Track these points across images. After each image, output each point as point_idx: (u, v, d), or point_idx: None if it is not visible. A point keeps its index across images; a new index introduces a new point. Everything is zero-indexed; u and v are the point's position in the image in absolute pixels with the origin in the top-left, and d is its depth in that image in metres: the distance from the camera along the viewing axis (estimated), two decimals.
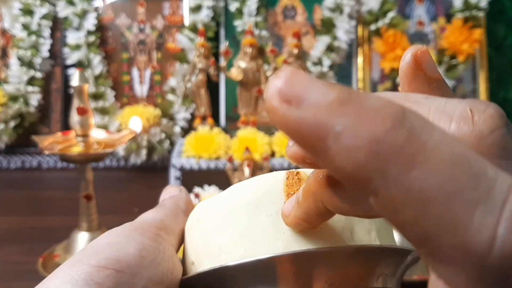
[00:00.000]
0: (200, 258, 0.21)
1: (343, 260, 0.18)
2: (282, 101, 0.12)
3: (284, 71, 0.12)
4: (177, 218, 0.24)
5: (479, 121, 0.14)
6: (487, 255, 0.10)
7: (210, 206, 0.22)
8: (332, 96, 0.11)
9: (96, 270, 0.17)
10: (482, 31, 1.11)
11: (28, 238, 0.72)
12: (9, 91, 1.03)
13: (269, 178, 0.21)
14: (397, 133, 0.11)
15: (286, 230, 0.19)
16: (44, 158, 1.08)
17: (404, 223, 0.11)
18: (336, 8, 1.09)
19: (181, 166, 0.75)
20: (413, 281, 0.61)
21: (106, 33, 1.12)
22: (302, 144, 0.12)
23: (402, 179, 0.11)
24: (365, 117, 0.11)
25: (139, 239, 0.20)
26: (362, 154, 0.11)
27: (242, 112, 0.83)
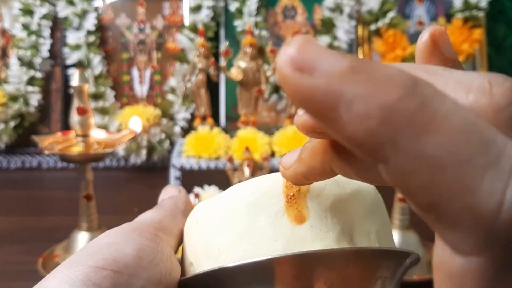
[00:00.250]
0: (199, 259, 0.21)
1: (342, 262, 0.18)
2: (294, 69, 0.12)
3: (296, 39, 0.12)
4: (175, 218, 0.24)
5: (497, 94, 0.14)
6: (495, 219, 0.11)
7: (209, 207, 0.22)
8: (344, 64, 0.11)
9: (94, 271, 0.17)
10: (482, 31, 1.11)
11: (28, 238, 0.72)
12: (9, 91, 1.03)
13: (269, 179, 0.20)
14: (409, 101, 0.11)
15: (285, 231, 0.19)
16: (44, 158, 1.08)
17: (414, 189, 0.11)
18: (336, 8, 1.09)
19: (181, 166, 0.75)
20: (413, 281, 0.61)
21: (106, 33, 1.12)
22: (314, 112, 0.12)
23: (414, 146, 0.11)
24: (376, 85, 0.11)
25: (137, 239, 0.20)
26: (373, 121, 0.11)
27: (242, 112, 0.83)
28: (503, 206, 0.11)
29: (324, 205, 0.20)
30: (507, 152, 0.11)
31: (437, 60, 0.17)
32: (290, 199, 0.20)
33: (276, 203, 0.20)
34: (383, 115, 0.11)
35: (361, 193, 0.21)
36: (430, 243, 0.67)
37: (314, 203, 0.20)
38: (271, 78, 0.98)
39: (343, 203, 0.20)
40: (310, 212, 0.20)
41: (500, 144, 0.11)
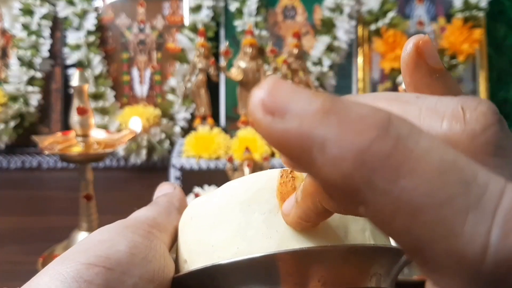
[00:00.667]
0: (193, 256, 0.21)
1: (336, 259, 0.18)
2: (265, 112, 0.11)
3: (267, 82, 0.12)
4: (170, 215, 0.24)
5: (471, 119, 0.14)
6: (481, 263, 0.10)
7: (204, 204, 0.22)
8: (316, 106, 0.11)
9: (86, 268, 0.17)
10: (482, 31, 1.11)
11: (28, 238, 0.72)
12: (9, 91, 1.03)
13: (263, 176, 0.20)
14: (383, 142, 0.11)
15: (279, 228, 0.19)
16: (44, 158, 1.08)
17: (396, 232, 0.11)
18: (336, 8, 1.09)
19: (181, 166, 0.75)
20: (412, 281, 0.61)
21: (106, 33, 1.12)
22: (288, 156, 0.12)
23: (390, 189, 0.11)
24: (349, 127, 0.11)
25: (130, 236, 0.20)
26: (348, 165, 0.11)
27: (242, 112, 0.83)
28: (488, 250, 0.10)
29: None
30: (490, 191, 0.11)
31: (423, 71, 0.17)
32: (284, 196, 0.20)
33: (270, 200, 0.20)
34: (357, 158, 0.11)
35: None
36: None
37: None
38: None
39: None
40: None
41: (482, 183, 0.11)
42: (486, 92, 1.14)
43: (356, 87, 1.14)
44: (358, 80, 1.13)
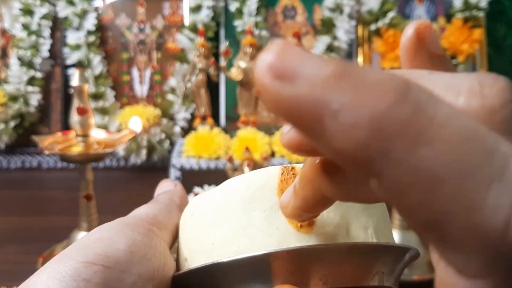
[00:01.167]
0: (193, 254, 0.21)
1: (337, 258, 0.18)
2: (273, 77, 0.11)
3: (275, 45, 0.11)
4: (170, 213, 0.23)
5: (489, 95, 0.13)
6: (502, 239, 0.10)
7: (204, 202, 0.21)
8: (329, 70, 0.10)
9: (84, 266, 0.17)
10: (482, 31, 1.11)
11: (28, 238, 0.72)
12: (9, 91, 1.03)
13: (264, 173, 0.20)
14: (402, 108, 0.10)
15: (280, 226, 0.19)
16: (44, 158, 1.08)
17: (411, 206, 0.10)
18: (336, 8, 1.09)
19: (181, 166, 0.75)
20: (412, 281, 0.61)
21: (106, 33, 1.12)
22: (297, 125, 0.11)
23: (409, 158, 0.10)
24: (365, 92, 0.10)
25: (130, 234, 0.20)
26: (363, 132, 0.10)
27: (242, 112, 0.83)
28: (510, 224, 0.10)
29: None
30: None
31: (423, 57, 0.16)
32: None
33: (271, 198, 0.19)
34: (373, 124, 0.10)
35: None
36: None
37: None
38: None
39: None
40: None
41: (505, 153, 0.10)
42: None
43: None
44: None
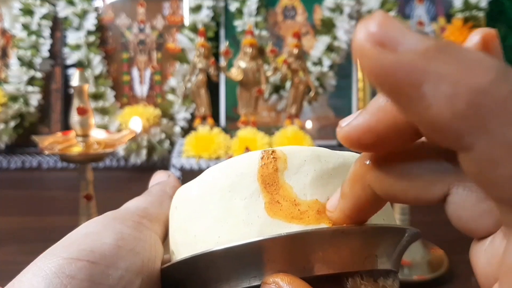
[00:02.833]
0: (178, 246, 0.20)
1: (321, 243, 0.17)
2: (375, 44, 0.11)
3: (376, 15, 0.12)
4: (162, 204, 0.23)
5: None
6: None
7: (186, 192, 0.21)
8: (430, 43, 0.11)
9: (68, 262, 0.17)
10: None
11: (28, 238, 0.72)
12: (9, 91, 1.03)
13: (244, 159, 0.19)
14: (502, 86, 0.10)
15: (260, 213, 0.18)
16: (44, 158, 1.08)
17: (500, 179, 0.11)
18: (336, 8, 1.09)
19: (181, 166, 0.75)
20: (412, 281, 0.61)
21: (106, 33, 1.12)
22: (393, 91, 0.11)
23: (504, 132, 0.10)
24: (466, 67, 0.11)
25: (118, 228, 0.19)
26: (462, 103, 0.10)
27: (242, 112, 0.83)
28: None
29: (303, 182, 0.18)
30: None
31: None
32: (266, 178, 0.19)
33: (251, 184, 0.19)
34: (473, 98, 0.10)
35: (346, 165, 0.19)
36: (430, 243, 0.67)
37: (293, 180, 0.18)
38: (271, 78, 0.98)
39: (324, 179, 0.19)
40: (288, 191, 0.18)
41: None
42: None
43: (356, 87, 1.14)
44: (358, 80, 1.13)
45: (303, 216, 0.18)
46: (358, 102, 1.13)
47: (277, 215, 0.18)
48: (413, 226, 0.51)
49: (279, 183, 0.18)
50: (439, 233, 0.76)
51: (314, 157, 0.19)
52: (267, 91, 1.06)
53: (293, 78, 0.82)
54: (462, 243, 0.75)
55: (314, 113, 1.13)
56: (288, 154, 0.19)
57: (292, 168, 0.19)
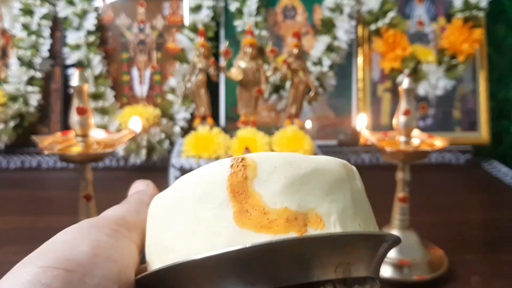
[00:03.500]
0: (152, 256, 0.20)
1: (288, 253, 0.16)
2: None
3: None
4: (140, 213, 0.23)
5: None
6: None
7: (159, 202, 0.21)
8: None
9: (43, 271, 0.17)
10: (482, 31, 1.11)
11: (27, 238, 0.72)
12: (9, 91, 1.03)
13: (213, 168, 0.19)
14: None
15: (229, 224, 0.18)
16: (44, 158, 1.08)
17: None
18: (336, 8, 1.09)
19: (181, 166, 0.75)
20: (412, 281, 0.61)
21: (106, 33, 1.12)
22: None
23: None
24: None
25: (94, 235, 0.19)
26: None
27: (242, 112, 0.83)
28: None
29: (273, 189, 0.18)
30: None
31: None
32: (235, 187, 0.18)
33: (220, 194, 0.18)
34: None
35: (319, 171, 0.19)
36: (430, 243, 0.67)
37: (262, 188, 0.18)
38: (271, 78, 0.98)
39: (296, 185, 0.18)
40: (257, 199, 0.18)
41: None
42: (486, 92, 1.14)
43: (356, 87, 1.14)
44: (358, 80, 1.13)
45: (272, 225, 0.17)
46: (358, 102, 1.13)
47: (246, 224, 0.17)
48: (413, 226, 0.51)
49: (249, 192, 0.18)
50: (439, 233, 0.76)
51: (285, 163, 0.18)
52: (267, 91, 1.06)
53: (293, 78, 0.82)
54: (462, 244, 0.76)
55: (314, 113, 1.13)
56: (258, 161, 0.18)
57: (262, 175, 0.18)
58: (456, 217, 0.83)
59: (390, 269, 0.61)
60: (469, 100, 1.15)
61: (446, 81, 1.08)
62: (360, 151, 1.13)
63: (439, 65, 1.09)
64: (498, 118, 1.18)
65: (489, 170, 1.10)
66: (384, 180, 0.72)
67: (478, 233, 0.78)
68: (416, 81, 1.08)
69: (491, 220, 0.83)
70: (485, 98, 1.14)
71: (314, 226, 0.18)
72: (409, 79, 0.61)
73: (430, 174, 1.05)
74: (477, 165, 1.13)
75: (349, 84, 1.14)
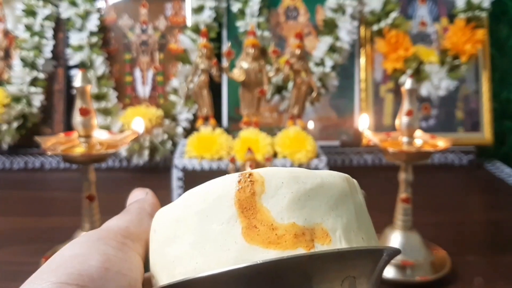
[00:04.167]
0: (158, 270, 0.20)
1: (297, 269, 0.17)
2: None
3: None
4: (142, 223, 0.23)
5: None
6: None
7: (164, 216, 0.21)
8: None
9: (57, 287, 0.17)
10: (485, 32, 1.10)
11: (31, 238, 0.72)
12: (12, 92, 1.03)
13: (220, 183, 0.19)
14: None
15: (238, 239, 0.18)
16: (47, 159, 1.08)
17: None
18: (338, 8, 1.09)
19: (184, 166, 0.75)
20: (415, 282, 0.61)
21: (109, 34, 1.12)
22: None
23: None
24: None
25: (103, 249, 0.19)
26: None
27: (244, 112, 0.83)
28: None
29: (281, 205, 0.18)
30: None
31: None
32: (243, 202, 0.18)
33: (228, 209, 0.18)
34: None
35: (325, 186, 0.19)
36: (433, 244, 0.67)
37: (270, 204, 0.18)
38: (273, 79, 0.98)
39: (302, 201, 0.18)
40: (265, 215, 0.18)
41: None
42: (489, 93, 1.14)
43: (358, 88, 1.14)
44: (361, 80, 1.13)
45: (280, 240, 0.17)
46: (361, 103, 1.13)
47: (254, 240, 0.18)
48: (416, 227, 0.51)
49: (257, 207, 0.18)
50: (441, 234, 0.75)
51: (291, 178, 0.19)
52: (269, 91, 1.06)
53: (295, 79, 0.82)
54: (465, 244, 0.76)
55: (316, 114, 1.13)
56: (266, 177, 0.19)
57: (270, 191, 0.18)
58: (459, 218, 0.82)
59: (393, 270, 0.61)
60: (471, 100, 1.15)
61: (448, 82, 1.08)
62: (363, 151, 1.13)
63: (442, 65, 1.09)
64: (501, 118, 1.17)
65: (492, 170, 1.10)
66: (387, 181, 0.72)
67: (481, 234, 0.78)
68: (419, 82, 1.08)
69: (494, 221, 0.83)
70: (487, 98, 1.14)
71: (321, 242, 0.18)
72: (412, 79, 0.61)
73: (432, 175, 1.05)
74: (480, 166, 1.13)
75: (352, 85, 1.14)
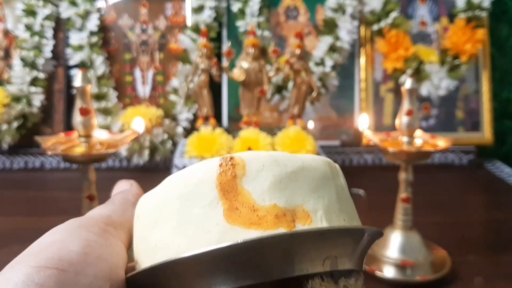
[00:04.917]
0: (140, 255, 0.20)
1: (279, 248, 0.17)
2: None
3: None
4: (125, 212, 0.23)
5: None
6: None
7: (147, 201, 0.21)
8: None
9: (36, 271, 0.17)
10: (485, 31, 1.10)
11: (31, 238, 0.72)
12: (12, 92, 1.03)
13: (202, 167, 0.19)
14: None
15: (219, 221, 0.18)
16: (47, 159, 1.08)
17: None
18: (338, 8, 1.09)
19: (184, 166, 0.75)
20: (415, 282, 0.61)
21: (109, 33, 1.12)
22: None
23: None
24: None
25: (83, 235, 0.19)
26: None
27: (245, 112, 0.83)
28: None
29: (262, 187, 0.18)
30: None
31: None
32: (224, 185, 0.18)
33: (209, 192, 0.19)
34: None
35: (306, 169, 0.19)
36: (433, 244, 0.67)
37: (251, 186, 0.18)
38: (273, 79, 0.98)
39: (283, 183, 0.19)
40: (246, 197, 0.18)
41: None
42: (489, 92, 1.14)
43: (358, 88, 1.14)
44: (361, 80, 1.13)
45: (262, 221, 0.18)
46: (361, 103, 1.13)
47: (236, 221, 0.18)
48: (416, 226, 0.51)
49: (238, 190, 0.18)
50: (442, 233, 0.75)
51: (272, 161, 0.19)
52: (269, 91, 1.06)
53: (295, 79, 0.82)
54: (465, 244, 0.76)
55: (316, 114, 1.13)
56: (247, 160, 0.19)
57: (251, 174, 0.19)
58: (459, 217, 0.82)
59: (393, 270, 0.61)
60: (472, 100, 1.15)
61: (448, 82, 1.08)
62: (363, 151, 1.13)
63: (442, 65, 1.09)
64: (501, 118, 1.17)
65: (492, 170, 1.10)
66: (387, 181, 0.72)
67: (481, 234, 0.78)
68: (419, 82, 1.08)
69: (494, 221, 0.83)
70: (488, 98, 1.14)
71: (302, 222, 0.18)
72: (412, 79, 0.61)
73: (433, 175, 1.05)
74: (480, 166, 1.13)
75: (352, 85, 1.14)
